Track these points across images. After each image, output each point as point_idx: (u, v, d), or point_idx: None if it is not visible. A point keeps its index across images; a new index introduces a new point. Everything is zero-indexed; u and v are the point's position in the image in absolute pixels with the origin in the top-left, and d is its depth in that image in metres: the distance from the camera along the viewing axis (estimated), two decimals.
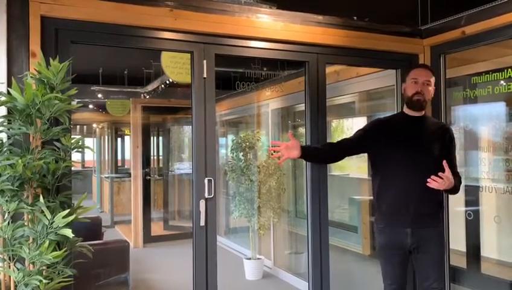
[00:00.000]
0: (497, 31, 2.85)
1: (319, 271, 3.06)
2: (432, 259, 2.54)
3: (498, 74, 3.08)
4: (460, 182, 2.61)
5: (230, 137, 7.05)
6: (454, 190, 2.55)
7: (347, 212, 5.22)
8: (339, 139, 2.85)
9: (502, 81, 3.08)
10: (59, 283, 1.96)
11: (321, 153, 2.81)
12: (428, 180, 2.40)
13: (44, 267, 1.94)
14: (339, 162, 5.80)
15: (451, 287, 3.24)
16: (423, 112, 2.66)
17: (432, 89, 2.63)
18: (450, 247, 3.26)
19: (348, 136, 2.87)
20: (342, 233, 4.95)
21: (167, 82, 5.71)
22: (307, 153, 2.71)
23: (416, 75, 2.62)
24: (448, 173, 2.40)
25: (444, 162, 2.42)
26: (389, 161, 2.61)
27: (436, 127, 2.69)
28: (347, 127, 5.78)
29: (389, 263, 2.64)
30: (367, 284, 4.20)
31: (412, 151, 2.56)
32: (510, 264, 3.27)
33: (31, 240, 1.95)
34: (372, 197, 4.89)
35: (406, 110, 2.69)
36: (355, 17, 3.21)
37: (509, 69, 3.01)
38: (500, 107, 3.32)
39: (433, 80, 2.64)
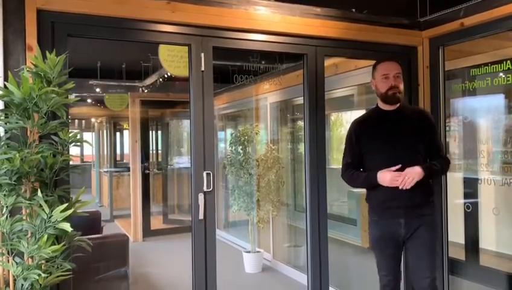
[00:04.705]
0: (496, 23, 2.84)
1: (318, 264, 3.07)
2: (422, 245, 2.55)
3: (497, 65, 3.07)
4: (444, 164, 2.69)
5: (229, 131, 7.04)
6: (433, 175, 2.61)
7: (346, 205, 5.22)
8: (346, 167, 2.73)
9: (500, 73, 3.07)
10: (58, 277, 1.96)
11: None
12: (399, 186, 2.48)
13: (43, 262, 1.95)
14: (339, 155, 5.80)
15: (449, 279, 3.25)
16: (397, 106, 2.63)
17: (402, 79, 2.62)
18: (449, 239, 3.27)
19: (347, 162, 2.74)
20: (341, 226, 4.95)
21: (165, 76, 5.69)
22: None
23: (385, 70, 2.60)
24: (409, 169, 2.46)
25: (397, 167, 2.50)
26: (375, 158, 2.62)
27: (414, 115, 2.68)
28: (346, 121, 5.77)
29: (383, 255, 2.67)
30: (366, 276, 4.21)
31: (395, 146, 2.58)
32: (508, 256, 3.28)
33: (29, 234, 1.95)
34: None
35: (381, 105, 2.67)
36: (353, 10, 3.19)
37: (508, 61, 3.00)
38: (499, 99, 3.31)
39: (401, 70, 2.63)
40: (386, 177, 2.51)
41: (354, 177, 2.68)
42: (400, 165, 2.49)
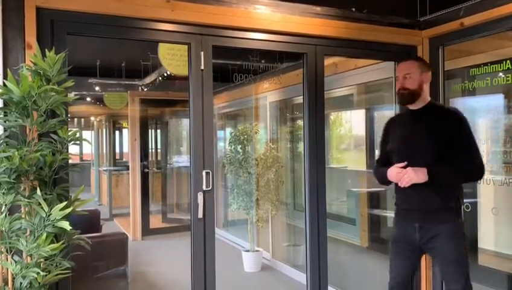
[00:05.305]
0: (495, 23, 2.84)
1: (317, 263, 3.07)
2: (442, 257, 2.48)
3: (496, 65, 3.07)
4: (466, 171, 2.45)
5: (229, 130, 7.04)
6: (444, 180, 2.44)
7: (345, 205, 5.23)
8: (376, 162, 2.82)
9: (500, 73, 3.07)
10: (57, 275, 1.96)
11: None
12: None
13: (42, 260, 1.94)
14: (338, 155, 5.81)
15: None
16: (425, 103, 2.57)
17: (416, 78, 2.54)
18: None
19: (377, 158, 2.85)
20: (340, 225, 4.96)
21: (165, 74, 5.68)
22: None
23: (397, 72, 2.63)
24: (411, 169, 2.40)
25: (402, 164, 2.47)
26: (396, 157, 2.61)
27: (440, 115, 2.55)
28: (345, 120, 5.77)
29: (397, 256, 2.64)
30: (365, 275, 4.22)
31: (412, 145, 2.55)
32: (507, 256, 3.28)
33: (28, 233, 1.94)
34: (369, 190, 4.93)
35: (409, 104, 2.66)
36: (353, 9, 3.19)
37: (508, 61, 3.00)
38: (499, 99, 3.31)
39: (414, 69, 2.56)
40: (392, 172, 2.51)
41: (377, 172, 2.72)
42: (405, 163, 2.46)
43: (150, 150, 8.26)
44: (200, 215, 2.71)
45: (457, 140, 2.45)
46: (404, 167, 2.46)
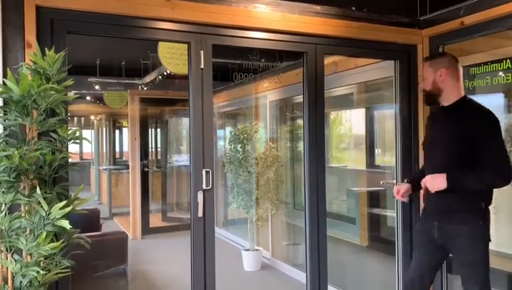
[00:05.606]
0: (495, 22, 2.84)
1: (317, 262, 3.07)
2: (460, 258, 2.47)
3: (496, 64, 3.07)
4: (483, 178, 2.32)
5: (228, 129, 7.04)
6: (463, 187, 2.36)
7: (345, 204, 5.23)
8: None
9: (500, 72, 3.07)
10: (57, 274, 1.96)
11: None
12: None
13: (41, 259, 1.94)
14: (338, 154, 5.81)
15: (448, 278, 3.26)
16: (457, 99, 2.50)
17: (429, 78, 2.53)
18: None
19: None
20: (340, 224, 4.96)
21: (165, 73, 5.68)
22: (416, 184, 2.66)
23: None
24: (430, 178, 2.41)
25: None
26: (425, 154, 2.67)
27: (471, 115, 2.42)
28: (345, 119, 5.77)
29: (418, 249, 2.70)
30: (364, 275, 4.22)
31: (436, 145, 2.55)
32: (507, 256, 3.28)
33: (28, 232, 1.94)
34: (369, 189, 4.93)
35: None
36: (353, 8, 3.19)
37: (508, 60, 3.00)
38: (499, 99, 3.31)
39: (426, 70, 2.56)
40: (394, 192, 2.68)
41: None
42: (406, 200, 2.61)
43: (150, 149, 8.27)
44: (200, 214, 2.71)
45: (484, 142, 2.33)
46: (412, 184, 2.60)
